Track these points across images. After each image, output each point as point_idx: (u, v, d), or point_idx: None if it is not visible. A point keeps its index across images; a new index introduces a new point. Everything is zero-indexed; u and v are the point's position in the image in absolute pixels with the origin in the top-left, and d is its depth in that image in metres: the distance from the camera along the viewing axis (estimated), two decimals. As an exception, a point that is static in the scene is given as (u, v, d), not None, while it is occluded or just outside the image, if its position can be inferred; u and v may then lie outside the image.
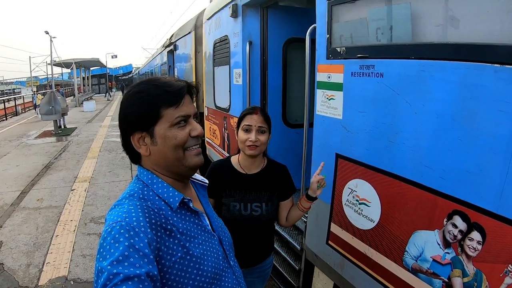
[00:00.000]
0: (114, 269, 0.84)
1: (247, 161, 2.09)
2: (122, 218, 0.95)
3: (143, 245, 0.90)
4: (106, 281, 0.83)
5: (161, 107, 1.06)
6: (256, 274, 2.23)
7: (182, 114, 1.08)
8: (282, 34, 3.75)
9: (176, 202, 1.09)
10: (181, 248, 1.04)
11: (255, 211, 2.06)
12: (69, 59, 31.80)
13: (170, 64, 10.13)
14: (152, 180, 1.11)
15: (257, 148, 1.96)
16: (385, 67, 1.82)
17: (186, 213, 1.14)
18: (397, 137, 1.78)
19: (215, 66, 4.93)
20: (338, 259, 2.34)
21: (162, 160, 1.11)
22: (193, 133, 1.11)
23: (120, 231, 0.91)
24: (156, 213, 1.03)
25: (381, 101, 1.86)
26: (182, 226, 1.08)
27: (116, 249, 0.87)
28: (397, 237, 1.84)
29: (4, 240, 4.91)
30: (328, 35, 2.21)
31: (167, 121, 1.07)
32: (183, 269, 1.02)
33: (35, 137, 13.57)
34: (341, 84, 2.14)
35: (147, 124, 1.07)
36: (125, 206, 1.01)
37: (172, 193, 1.10)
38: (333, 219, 2.36)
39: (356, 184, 2.10)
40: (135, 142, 1.10)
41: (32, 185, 7.37)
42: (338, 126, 2.20)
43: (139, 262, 0.87)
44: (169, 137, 1.07)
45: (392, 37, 1.82)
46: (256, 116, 1.98)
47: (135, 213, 0.97)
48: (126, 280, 0.83)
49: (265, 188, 2.08)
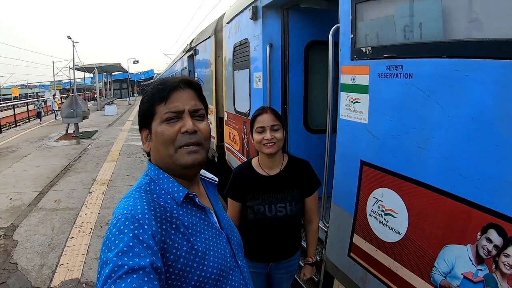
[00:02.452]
0: (119, 260, 0.86)
1: (267, 161, 2.14)
2: (127, 210, 0.98)
3: (147, 237, 0.93)
4: (111, 273, 0.84)
5: (155, 104, 1.13)
6: (284, 270, 2.33)
7: (171, 110, 1.11)
8: (304, 36, 3.69)
9: (180, 196, 1.11)
10: (186, 242, 1.05)
11: (280, 211, 2.12)
12: (91, 64, 32.84)
13: (190, 69, 10.21)
14: (158, 175, 1.15)
15: (274, 145, 2.03)
16: (415, 67, 1.73)
17: (193, 208, 1.16)
18: (428, 143, 1.68)
19: (235, 70, 4.93)
20: (360, 272, 2.26)
21: (157, 156, 1.16)
22: (182, 128, 1.12)
23: (125, 223, 0.94)
24: (162, 207, 1.06)
25: (410, 104, 1.77)
26: (188, 220, 1.10)
27: (121, 240, 0.90)
28: (425, 251, 1.74)
29: (20, 240, 5.02)
30: (353, 34, 2.14)
31: (158, 117, 1.12)
32: (188, 264, 1.03)
33: (55, 139, 13.99)
34: (366, 86, 2.06)
35: (147, 121, 1.15)
36: (131, 199, 1.04)
37: (177, 187, 1.13)
38: (356, 230, 2.27)
39: (382, 193, 2.01)
40: (142, 138, 1.20)
41: (50, 186, 7.55)
42: (363, 131, 2.12)
43: (144, 252, 0.89)
44: (158, 133, 1.12)
45: (421, 35, 1.73)
46: (266, 115, 2.05)
47: (141, 205, 1.01)
48: (131, 272, 0.84)
49: (287, 188, 2.14)
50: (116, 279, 0.83)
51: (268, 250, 2.22)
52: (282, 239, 2.21)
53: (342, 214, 2.39)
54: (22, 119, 23.96)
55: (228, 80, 5.43)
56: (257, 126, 2.06)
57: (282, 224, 2.14)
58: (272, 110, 2.11)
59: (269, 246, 2.19)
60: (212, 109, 6.84)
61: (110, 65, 35.48)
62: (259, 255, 2.25)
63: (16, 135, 15.39)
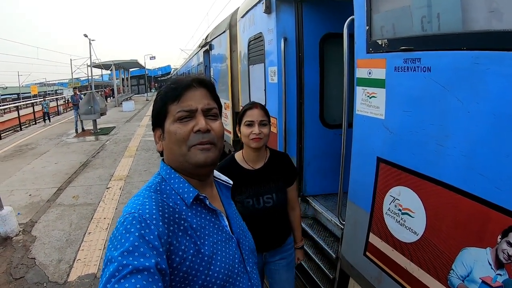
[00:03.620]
0: (124, 259, 0.86)
1: (252, 155, 2.23)
2: (135, 210, 0.98)
3: (153, 237, 0.93)
4: (115, 272, 0.84)
5: (167, 103, 1.13)
6: (279, 256, 2.39)
7: (184, 109, 1.11)
8: (318, 29, 3.63)
9: (190, 198, 1.11)
10: (193, 245, 1.05)
11: (267, 202, 2.23)
12: (108, 61, 33.54)
13: (206, 64, 10.21)
14: (169, 174, 1.15)
15: (261, 140, 2.12)
16: (433, 60, 1.67)
17: (203, 211, 1.15)
18: (447, 140, 1.62)
19: (250, 64, 4.90)
20: (376, 272, 2.22)
21: (170, 155, 1.16)
22: (195, 127, 1.11)
23: (132, 222, 0.94)
24: (171, 207, 1.05)
25: (429, 99, 1.70)
26: (196, 223, 1.09)
27: (127, 240, 0.90)
28: (443, 253, 1.69)
29: (38, 235, 5.17)
30: (368, 26, 2.08)
31: (171, 116, 1.12)
32: (194, 267, 1.03)
33: (74, 136, 14.22)
34: (383, 81, 2.00)
35: (160, 120, 1.15)
36: (140, 198, 1.05)
37: (187, 188, 1.12)
38: (372, 229, 2.23)
39: (399, 191, 1.96)
40: (155, 138, 1.21)
41: (68, 182, 7.73)
42: (380, 127, 2.06)
43: (149, 252, 0.89)
44: (171, 132, 1.12)
45: (440, 26, 1.67)
46: (256, 110, 2.13)
47: (149, 205, 1.01)
48: (135, 273, 0.85)
49: (272, 179, 2.25)
50: (120, 278, 0.83)
51: (261, 241, 2.18)
52: (272, 228, 2.30)
53: (358, 212, 2.36)
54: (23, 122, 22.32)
55: (243, 75, 5.40)
56: (246, 120, 2.13)
57: (271, 213, 2.25)
58: (262, 106, 2.19)
59: (261, 236, 2.15)
60: (229, 104, 6.83)
61: (127, 62, 36.00)
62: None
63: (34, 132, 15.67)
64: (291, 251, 2.46)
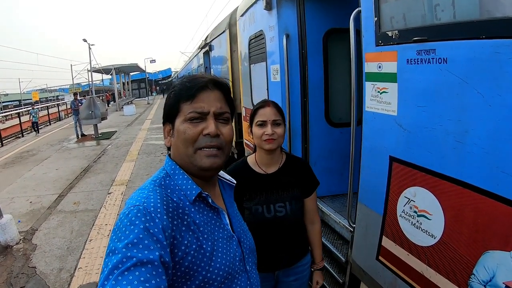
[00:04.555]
0: (129, 251, 0.87)
1: (265, 158, 2.08)
2: (140, 202, 0.99)
3: (158, 230, 0.94)
4: (119, 263, 0.85)
5: (180, 101, 1.14)
6: (293, 277, 2.18)
7: (196, 110, 1.12)
8: (321, 24, 3.52)
9: (193, 195, 1.12)
10: (195, 240, 1.06)
11: (279, 211, 2.04)
12: (108, 65, 33.74)
13: (206, 66, 10.22)
14: (174, 170, 1.16)
15: (275, 141, 1.97)
16: (449, 50, 1.57)
17: (205, 208, 1.17)
18: (466, 137, 1.53)
19: (251, 64, 4.83)
20: (390, 277, 2.13)
21: (177, 153, 1.18)
22: (204, 130, 1.12)
23: (137, 215, 0.95)
24: (174, 202, 1.07)
25: (446, 93, 1.61)
26: (199, 219, 1.11)
27: (131, 232, 0.91)
28: (463, 257, 1.61)
29: (39, 244, 5.12)
30: (376, 18, 1.99)
31: (183, 115, 1.13)
32: (196, 263, 1.04)
33: (75, 141, 14.25)
34: (394, 74, 1.91)
35: (171, 116, 1.16)
36: (145, 191, 1.06)
37: (190, 185, 1.14)
38: (386, 232, 2.14)
39: (415, 192, 1.86)
40: (164, 132, 1.22)
41: (70, 188, 7.69)
42: (393, 124, 1.97)
43: (153, 245, 0.90)
44: (180, 131, 1.13)
45: (455, 14, 1.56)
46: (268, 109, 1.99)
47: (154, 198, 1.02)
48: (139, 265, 0.85)
49: (287, 186, 2.07)
50: (124, 270, 0.84)
51: (272, 256, 2.09)
52: (285, 242, 2.11)
53: (370, 214, 2.27)
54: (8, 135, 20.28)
55: (244, 75, 5.33)
56: (258, 120, 1.99)
57: (283, 225, 2.06)
58: (275, 104, 2.04)
59: (272, 251, 2.07)
60: (229, 105, 6.75)
61: (127, 66, 36.34)
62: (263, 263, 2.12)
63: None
64: (307, 271, 2.27)
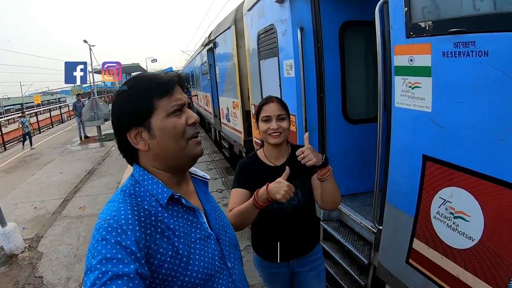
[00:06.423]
0: (103, 267, 0.88)
1: (273, 151, 2.16)
2: (111, 216, 0.99)
3: (130, 243, 0.95)
4: (96, 280, 0.86)
5: (153, 99, 1.11)
6: (308, 266, 2.27)
7: (178, 103, 1.13)
8: (337, 17, 3.43)
9: (164, 198, 1.12)
10: (171, 246, 1.07)
11: (292, 199, 2.04)
12: None
13: (210, 63, 10.12)
14: (143, 176, 1.15)
15: (281, 134, 2.05)
16: (491, 43, 1.50)
17: (179, 210, 1.16)
18: (509, 135, 1.48)
19: (260, 59, 4.74)
20: (421, 281, 2.10)
21: (162, 153, 1.15)
22: (190, 120, 1.15)
23: (107, 229, 0.95)
24: (146, 210, 1.07)
25: (487, 88, 1.55)
26: (173, 223, 1.11)
27: (103, 247, 0.92)
28: (503, 259, 1.57)
29: (45, 252, 5.04)
30: (406, 8, 1.92)
31: (163, 111, 1.12)
32: (173, 269, 1.05)
33: (78, 143, 14.24)
34: (429, 68, 1.84)
35: (142, 118, 1.12)
36: (115, 204, 1.06)
37: (161, 189, 1.13)
38: (417, 234, 2.09)
39: (451, 193, 1.81)
40: (132, 139, 1.14)
41: (74, 192, 7.66)
42: (426, 120, 1.90)
43: (127, 258, 0.91)
44: (167, 127, 1.12)
45: (495, 5, 1.49)
46: (273, 104, 2.07)
47: (124, 211, 1.02)
48: (115, 278, 0.87)
49: (296, 175, 2.03)
50: (101, 285, 0.85)
51: (285, 245, 2.18)
52: (298, 231, 2.18)
53: (399, 216, 2.21)
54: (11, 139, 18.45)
55: (253, 71, 5.25)
56: (263, 115, 2.08)
57: (295, 213, 2.12)
58: (279, 99, 2.14)
59: (285, 240, 2.16)
60: (238, 102, 6.68)
61: (128, 66, 36.84)
62: (276, 253, 2.19)
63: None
64: (320, 260, 2.33)
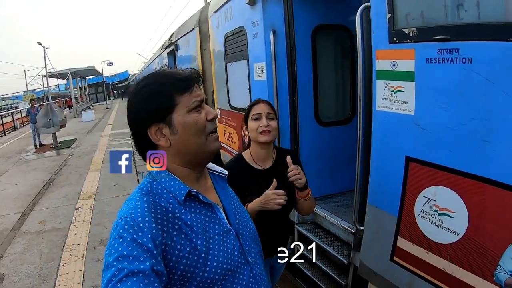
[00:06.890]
0: (119, 264, 0.91)
1: (261, 152, 2.17)
2: (128, 214, 1.02)
3: (147, 240, 0.97)
4: (112, 277, 0.90)
5: (175, 94, 1.12)
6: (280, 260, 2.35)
7: (198, 99, 1.15)
8: (310, 20, 3.49)
9: (182, 195, 1.12)
10: (188, 243, 1.08)
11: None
12: (64, 69, 32.90)
13: (171, 66, 9.99)
14: (160, 173, 1.16)
15: (270, 133, 2.07)
16: (474, 50, 1.60)
17: (197, 206, 1.16)
18: (493, 136, 1.57)
19: (227, 62, 4.73)
20: (407, 277, 2.17)
21: (184, 148, 1.16)
22: (209, 116, 1.17)
23: (124, 227, 0.98)
24: (163, 207, 1.08)
25: (471, 92, 1.65)
26: (191, 219, 1.12)
27: (120, 245, 0.94)
28: (488, 250, 1.68)
29: (6, 273, 4.64)
30: (390, 14, 1.99)
31: (184, 106, 1.13)
32: (192, 265, 1.06)
33: (33, 152, 13.58)
34: (412, 73, 1.91)
35: (163, 114, 1.12)
36: (132, 201, 1.08)
37: (178, 186, 1.14)
38: (401, 233, 2.17)
39: (435, 192, 1.89)
40: (152, 135, 1.14)
41: (33, 205, 7.20)
42: (409, 123, 1.98)
43: (143, 255, 0.94)
44: (189, 123, 1.13)
45: (480, 14, 1.60)
46: (262, 104, 2.13)
47: (141, 208, 1.04)
48: (131, 275, 0.89)
49: (283, 179, 2.08)
50: (117, 282, 0.88)
51: (272, 244, 2.23)
52: (281, 229, 2.28)
53: (382, 216, 2.28)
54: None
55: (219, 74, 5.22)
56: (253, 113, 2.11)
57: (281, 215, 2.16)
58: (267, 101, 2.19)
59: (273, 239, 2.21)
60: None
61: (83, 69, 35.60)
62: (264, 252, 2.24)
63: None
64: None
